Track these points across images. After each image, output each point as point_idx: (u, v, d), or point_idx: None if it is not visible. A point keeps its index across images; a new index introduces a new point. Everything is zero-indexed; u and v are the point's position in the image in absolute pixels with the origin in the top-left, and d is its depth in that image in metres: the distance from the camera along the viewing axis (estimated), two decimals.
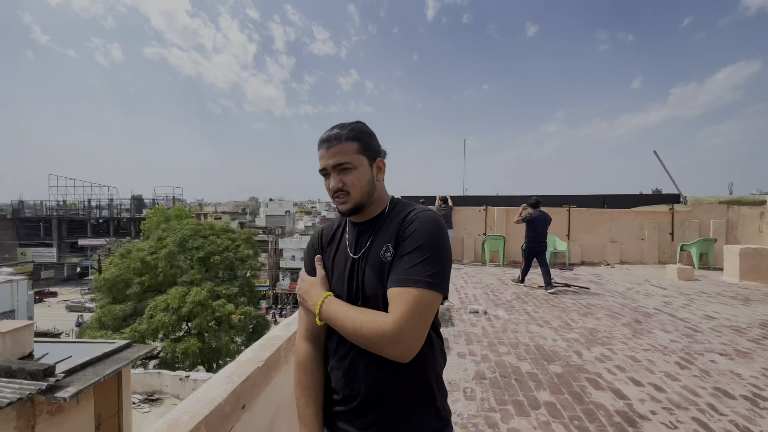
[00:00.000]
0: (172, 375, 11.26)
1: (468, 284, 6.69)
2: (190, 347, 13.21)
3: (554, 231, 9.09)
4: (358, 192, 0.98)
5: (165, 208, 31.43)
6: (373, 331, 0.84)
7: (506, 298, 5.73)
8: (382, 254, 0.94)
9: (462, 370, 3.23)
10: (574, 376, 3.09)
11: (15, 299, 15.86)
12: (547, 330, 4.25)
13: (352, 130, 0.99)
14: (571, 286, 6.41)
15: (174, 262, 15.06)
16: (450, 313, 4.93)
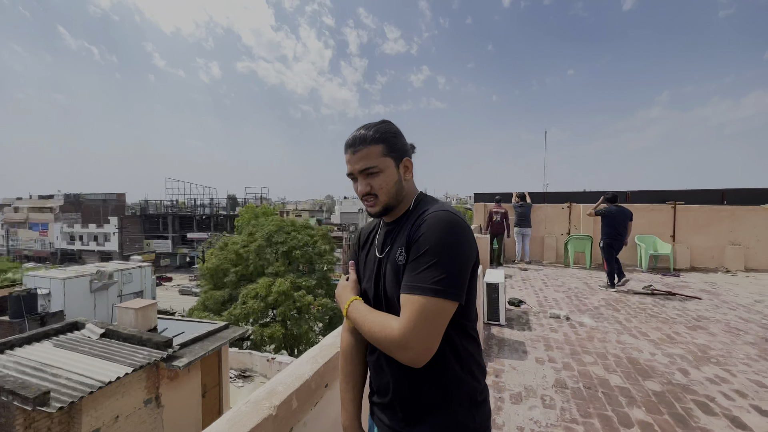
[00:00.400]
0: (261, 356, 12.54)
1: (548, 287, 6.23)
2: (275, 332, 14.58)
3: (656, 231, 7.97)
4: (385, 195, 0.98)
5: (254, 206, 35.06)
6: (384, 336, 0.86)
7: (593, 303, 5.21)
8: (397, 257, 0.95)
9: (540, 377, 3.05)
10: (677, 396, 2.72)
11: (143, 282, 19.20)
12: (643, 342, 3.78)
13: (378, 132, 0.98)
14: (675, 294, 5.58)
15: (262, 255, 16.76)
16: (527, 316, 4.66)
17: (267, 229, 17.70)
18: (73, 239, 49.17)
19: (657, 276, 7.02)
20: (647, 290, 5.73)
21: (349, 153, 0.99)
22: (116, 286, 17.43)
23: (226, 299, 16.19)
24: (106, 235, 47.52)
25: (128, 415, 6.86)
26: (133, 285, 18.39)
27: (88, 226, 48.99)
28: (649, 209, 8.20)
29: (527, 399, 2.72)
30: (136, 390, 7.05)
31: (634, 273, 7.32)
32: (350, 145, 0.99)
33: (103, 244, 47.57)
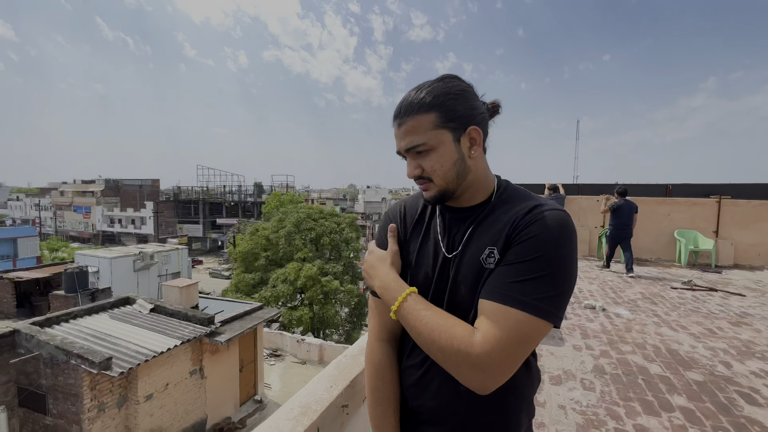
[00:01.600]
0: (291, 337, 13.13)
1: (582, 279, 6.21)
2: (303, 315, 15.19)
3: (697, 226, 7.71)
4: (441, 178, 0.77)
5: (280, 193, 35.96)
6: (452, 347, 0.67)
7: (629, 296, 5.18)
8: (484, 258, 0.74)
9: (578, 362, 3.15)
10: (719, 386, 2.75)
11: (180, 263, 20.32)
12: (683, 335, 3.78)
13: (431, 94, 0.75)
14: (717, 290, 5.45)
15: (291, 241, 17.35)
16: None
17: (296, 215, 18.26)
18: (112, 222, 52.21)
19: (697, 272, 6.83)
20: (687, 285, 5.62)
21: (395, 125, 0.79)
22: (156, 266, 18.55)
23: (257, 282, 16.92)
24: (142, 218, 50.14)
25: (176, 383, 7.46)
26: (171, 266, 19.50)
27: (126, 210, 51.80)
28: (691, 203, 7.91)
29: (567, 381, 2.83)
30: (183, 361, 7.63)
31: (672, 268, 7.15)
32: (396, 115, 0.78)
33: (139, 227, 50.25)
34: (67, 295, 12.60)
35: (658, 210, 8.12)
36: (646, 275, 6.52)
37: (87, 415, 6.16)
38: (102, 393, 6.39)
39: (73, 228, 54.73)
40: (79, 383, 6.14)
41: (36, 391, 6.59)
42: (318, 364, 12.32)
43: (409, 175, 0.80)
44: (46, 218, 55.83)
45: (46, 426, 6.56)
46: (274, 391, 10.84)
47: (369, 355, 0.88)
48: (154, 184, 60.97)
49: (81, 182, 61.34)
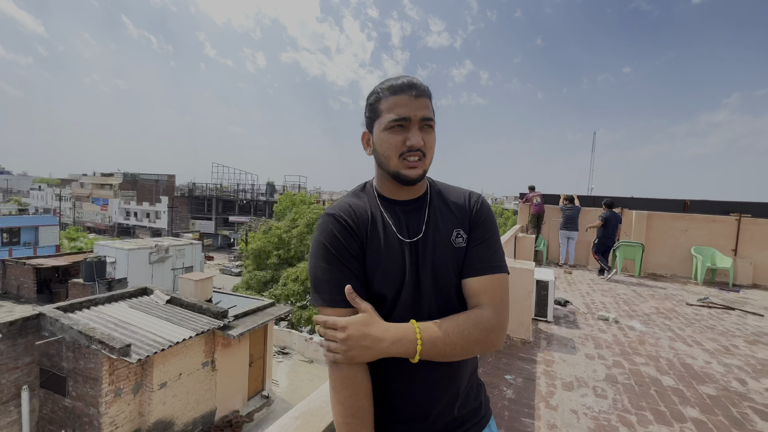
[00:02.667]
0: (299, 335, 13.27)
1: (595, 291, 6.21)
2: (312, 315, 15.33)
3: (715, 244, 7.61)
4: (430, 159, 0.86)
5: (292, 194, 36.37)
6: (484, 331, 0.79)
7: (643, 310, 5.17)
8: (453, 240, 0.86)
9: (591, 370, 3.19)
10: (733, 401, 2.77)
11: (193, 258, 20.72)
12: (697, 350, 3.78)
13: (428, 87, 0.87)
14: (734, 309, 5.39)
15: (303, 241, 17.58)
16: (574, 316, 4.74)
17: (309, 216, 18.49)
18: (128, 215, 53.44)
19: (714, 290, 6.75)
20: (703, 303, 5.57)
21: (408, 94, 0.82)
22: (171, 260, 18.95)
23: (268, 280, 17.16)
24: (157, 212, 51.20)
25: (189, 373, 7.65)
26: (185, 260, 19.90)
27: (142, 203, 52.98)
28: (710, 220, 7.82)
29: (579, 388, 2.88)
30: (197, 352, 7.82)
31: (688, 285, 7.07)
32: (412, 86, 0.83)
33: (154, 221, 51.30)
34: (86, 284, 13.01)
35: (675, 226, 8.04)
36: (661, 291, 6.47)
37: (104, 399, 6.37)
38: (119, 378, 6.60)
39: (91, 219, 56.21)
40: (99, 367, 6.37)
41: (57, 373, 6.84)
42: (325, 363, 12.42)
43: (418, 143, 0.81)
44: (65, 208, 57.50)
45: (65, 407, 6.80)
46: (282, 388, 10.97)
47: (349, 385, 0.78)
48: (170, 179, 62.24)
49: (100, 175, 63.03)
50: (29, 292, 14.00)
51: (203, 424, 8.07)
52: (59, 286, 15.14)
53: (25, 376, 6.94)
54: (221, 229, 57.17)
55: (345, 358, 0.75)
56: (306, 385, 11.17)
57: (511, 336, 3.83)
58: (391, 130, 0.82)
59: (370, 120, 0.88)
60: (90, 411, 6.48)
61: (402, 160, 0.82)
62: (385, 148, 0.84)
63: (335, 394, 0.79)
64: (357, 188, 0.95)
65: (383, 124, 0.83)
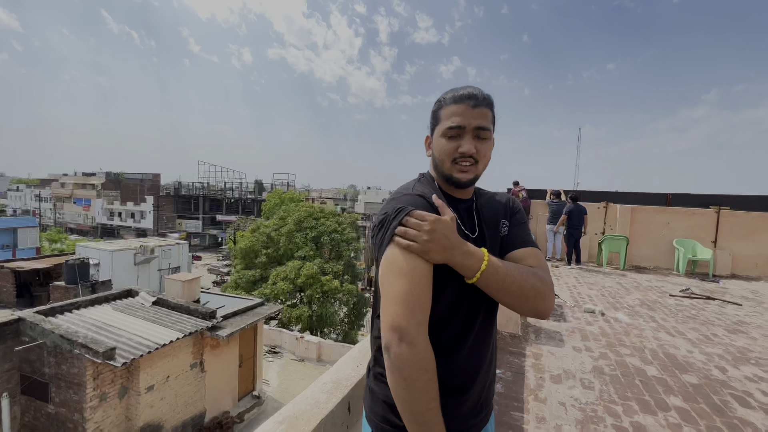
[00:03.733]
0: (290, 334, 13.19)
1: (581, 284, 6.31)
2: (302, 314, 15.25)
3: (696, 236, 7.81)
4: (483, 165, 0.93)
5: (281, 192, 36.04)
6: (540, 281, 0.86)
7: (628, 302, 5.28)
8: (501, 229, 0.98)
9: (578, 363, 3.24)
10: (714, 389, 2.85)
11: (180, 258, 20.37)
12: (680, 340, 3.87)
13: (489, 97, 0.93)
14: (714, 299, 5.55)
15: (292, 239, 17.43)
16: (561, 309, 4.81)
17: (298, 214, 18.34)
18: (112, 215, 52.18)
19: (695, 280, 6.94)
20: (685, 293, 5.72)
21: (467, 104, 0.89)
22: (157, 260, 18.60)
23: (257, 279, 16.98)
24: (142, 212, 50.13)
25: (177, 376, 7.52)
26: (171, 261, 19.55)
27: (126, 203, 51.77)
28: (690, 213, 8.02)
29: (567, 380, 2.92)
30: (184, 354, 7.70)
31: (670, 276, 7.25)
32: (471, 97, 0.89)
33: (139, 221, 50.22)
34: (68, 286, 12.63)
35: (657, 219, 8.23)
36: (645, 283, 6.62)
37: (89, 404, 6.22)
38: (104, 383, 6.45)
39: (73, 220, 54.69)
40: (83, 372, 6.21)
41: (39, 380, 6.65)
42: (316, 361, 12.39)
43: (470, 151, 0.88)
44: (46, 209, 55.80)
45: (48, 414, 6.62)
46: (272, 388, 10.90)
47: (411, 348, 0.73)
48: (155, 178, 60.92)
49: (82, 174, 61.31)
50: (8, 296, 13.56)
51: (193, 426, 7.96)
52: (40, 289, 14.69)
53: (4, 383, 6.73)
54: (208, 228, 56.35)
55: (421, 248, 0.79)
56: (297, 384, 11.12)
57: (500, 330, 3.87)
58: (448, 137, 0.90)
59: (432, 126, 0.97)
60: (74, 417, 6.32)
61: (454, 164, 0.90)
62: (440, 152, 0.92)
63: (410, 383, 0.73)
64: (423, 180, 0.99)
65: (440, 130, 0.92)
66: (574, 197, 7.86)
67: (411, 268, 0.78)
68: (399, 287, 0.77)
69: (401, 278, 0.78)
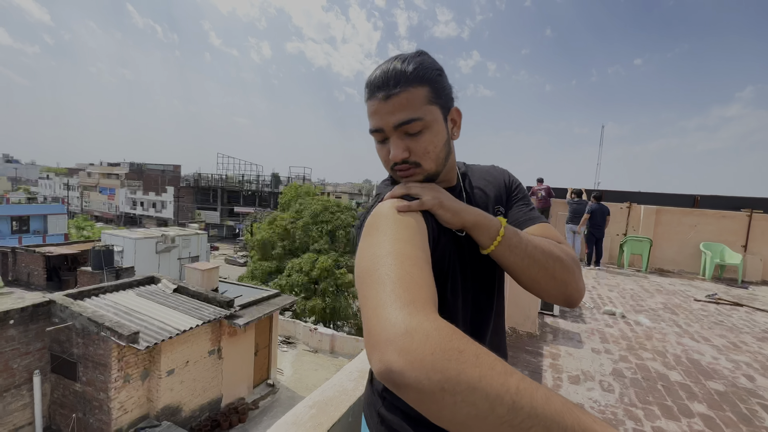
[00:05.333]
0: (304, 325, 13.40)
1: (601, 285, 6.18)
2: (316, 306, 15.47)
3: (725, 239, 7.51)
4: (432, 161, 0.70)
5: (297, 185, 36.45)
6: (565, 253, 0.71)
7: (650, 305, 5.14)
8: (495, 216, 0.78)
9: (597, 365, 3.19)
10: (741, 397, 2.75)
11: (199, 248, 20.91)
12: (705, 346, 3.75)
13: (419, 66, 0.66)
14: (742, 305, 5.34)
15: (308, 232, 17.66)
16: (580, 310, 4.72)
17: (313, 208, 18.53)
18: (135, 204, 53.88)
19: (722, 286, 6.69)
20: (711, 299, 5.53)
21: (377, 99, 0.67)
22: (177, 249, 19.14)
23: (273, 270, 17.30)
24: (163, 203, 51.56)
25: (196, 361, 7.77)
26: (190, 250, 20.09)
27: (148, 193, 53.34)
28: (719, 216, 7.71)
29: (585, 382, 2.88)
30: (203, 341, 7.93)
31: (695, 281, 7.01)
32: (380, 86, 0.66)
33: (160, 210, 51.70)
34: (94, 272, 13.17)
35: (683, 221, 7.95)
36: (668, 286, 6.43)
37: (113, 385, 6.50)
38: (128, 365, 6.72)
39: (98, 208, 56.78)
40: (108, 354, 6.48)
41: (68, 359, 6.98)
42: (329, 353, 12.56)
43: (396, 158, 0.68)
44: (73, 198, 58.08)
45: (75, 392, 6.95)
46: (286, 377, 11.13)
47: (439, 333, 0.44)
48: (176, 169, 62.51)
49: (107, 164, 63.47)
50: (39, 279, 14.24)
51: (210, 410, 8.23)
52: (68, 273, 15.37)
53: (36, 361, 7.09)
54: (226, 219, 57.47)
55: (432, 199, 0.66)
56: (310, 375, 11.32)
57: (517, 329, 3.83)
58: (377, 141, 0.72)
59: None
60: (100, 396, 6.62)
61: (397, 171, 0.71)
62: (380, 159, 0.74)
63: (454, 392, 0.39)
64: None
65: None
66: (597, 196, 7.73)
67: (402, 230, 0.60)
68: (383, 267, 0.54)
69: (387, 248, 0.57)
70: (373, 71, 0.69)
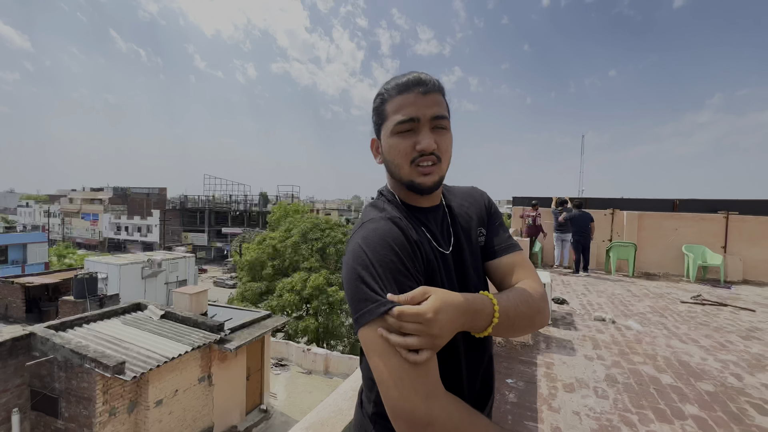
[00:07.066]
0: (297, 346, 13.12)
1: (590, 292, 6.27)
2: (309, 325, 15.19)
3: (705, 241, 7.75)
4: (447, 162, 0.76)
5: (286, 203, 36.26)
6: (541, 299, 0.77)
7: (638, 310, 5.23)
8: (478, 240, 0.84)
9: (591, 371, 3.22)
10: (730, 396, 2.81)
11: (187, 271, 20.46)
12: (693, 347, 3.83)
13: (440, 81, 0.77)
14: (726, 305, 5.48)
15: (298, 251, 17.48)
16: (571, 317, 4.78)
17: (303, 225, 18.42)
18: (119, 229, 52.68)
19: (706, 287, 6.86)
20: (696, 300, 5.66)
21: (415, 92, 0.73)
22: (164, 274, 18.69)
23: (263, 291, 16.99)
24: (148, 226, 50.55)
25: (185, 389, 7.50)
26: (178, 274, 19.65)
27: (133, 217, 52.29)
28: (699, 218, 7.97)
29: (580, 389, 2.90)
30: (192, 368, 7.69)
31: (680, 283, 7.18)
32: (419, 83, 0.73)
33: (146, 235, 50.62)
34: (76, 301, 12.73)
35: (665, 225, 8.18)
36: (655, 290, 6.56)
37: (98, 419, 6.21)
38: (113, 397, 6.45)
39: (81, 235, 55.27)
40: (92, 387, 6.22)
41: (49, 395, 6.67)
42: (324, 374, 12.28)
43: (429, 147, 0.72)
44: (54, 225, 56.49)
45: (58, 429, 6.61)
46: (280, 401, 10.81)
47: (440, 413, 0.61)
48: (161, 192, 61.57)
49: (90, 190, 62.17)
50: (18, 311, 13.68)
51: None
52: (49, 304, 14.81)
53: (15, 398, 6.75)
54: (214, 241, 56.56)
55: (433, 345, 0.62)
56: (305, 397, 11.02)
57: (511, 339, 3.85)
58: (400, 134, 0.73)
59: (377, 125, 0.78)
60: None
61: (414, 167, 0.73)
62: (394, 155, 0.74)
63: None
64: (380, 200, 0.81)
65: (389, 127, 0.74)
66: (578, 204, 8.00)
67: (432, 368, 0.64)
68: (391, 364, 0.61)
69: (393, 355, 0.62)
70: (396, 78, 0.76)
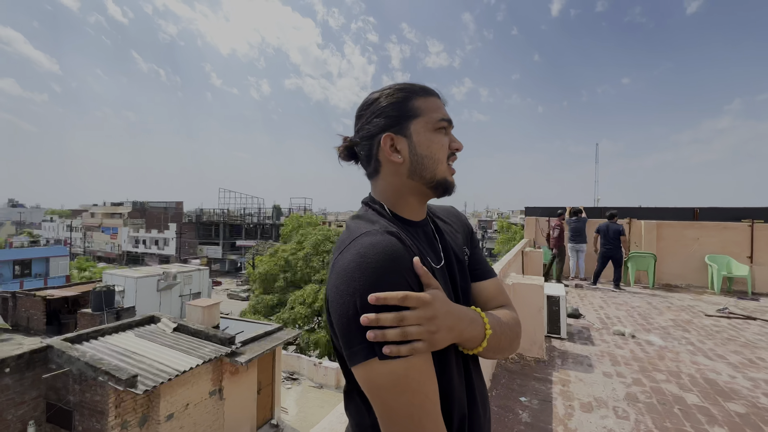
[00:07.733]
0: (308, 360, 13.02)
1: (608, 305, 6.04)
2: (320, 338, 15.08)
3: (729, 251, 7.43)
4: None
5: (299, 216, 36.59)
6: (518, 326, 0.78)
7: (660, 323, 5.00)
8: (465, 257, 0.82)
9: (610, 389, 3.06)
10: (763, 418, 2.62)
11: (201, 284, 20.71)
12: (720, 364, 3.62)
13: None
14: (755, 319, 5.19)
15: (309, 263, 17.52)
16: (588, 332, 4.60)
17: (314, 238, 18.50)
18: (137, 243, 53.96)
19: (732, 299, 6.53)
20: (722, 313, 5.39)
21: (438, 98, 0.79)
22: (178, 286, 18.96)
23: (275, 303, 17.03)
24: (165, 239, 51.65)
25: (196, 403, 7.49)
26: (192, 286, 19.90)
27: (151, 231, 53.57)
28: (722, 227, 7.66)
29: (599, 409, 2.75)
30: (204, 381, 7.68)
31: (704, 295, 6.86)
32: (435, 93, 0.79)
33: (162, 248, 51.69)
34: (94, 313, 12.99)
35: (686, 234, 7.89)
36: (677, 302, 6.29)
37: None
38: (126, 411, 6.47)
39: (101, 248, 56.83)
40: (105, 400, 6.26)
41: (63, 407, 6.74)
42: (335, 388, 12.11)
43: (461, 146, 0.78)
44: (76, 239, 58.29)
45: None
46: (291, 416, 10.68)
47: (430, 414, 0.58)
48: (178, 206, 63.10)
49: (110, 204, 64.19)
50: (38, 324, 14.02)
51: None
52: (68, 316, 15.14)
53: (31, 410, 6.85)
54: (228, 253, 57.34)
55: (430, 342, 0.58)
56: (316, 412, 10.86)
57: (524, 355, 3.71)
58: (441, 130, 0.75)
59: (397, 120, 0.73)
60: None
61: (449, 164, 0.77)
62: (436, 149, 0.74)
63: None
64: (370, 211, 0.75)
65: (432, 122, 0.74)
66: (610, 215, 7.54)
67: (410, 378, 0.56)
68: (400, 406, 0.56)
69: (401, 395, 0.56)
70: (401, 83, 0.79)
